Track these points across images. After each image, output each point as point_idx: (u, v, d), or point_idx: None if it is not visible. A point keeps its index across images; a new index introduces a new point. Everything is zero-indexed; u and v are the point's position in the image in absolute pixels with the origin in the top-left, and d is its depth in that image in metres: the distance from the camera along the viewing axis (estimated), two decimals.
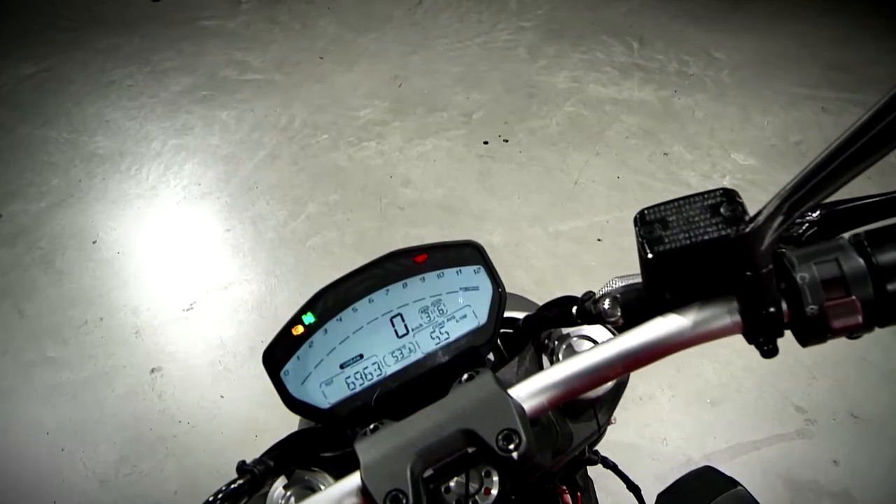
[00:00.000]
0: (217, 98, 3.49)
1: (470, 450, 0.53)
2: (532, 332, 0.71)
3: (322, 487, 0.65)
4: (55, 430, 2.12)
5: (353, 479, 0.53)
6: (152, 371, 2.25)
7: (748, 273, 0.46)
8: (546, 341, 0.71)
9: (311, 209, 2.82)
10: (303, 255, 2.62)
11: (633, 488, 0.99)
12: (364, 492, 0.51)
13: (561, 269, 2.52)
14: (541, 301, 0.83)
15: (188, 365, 2.27)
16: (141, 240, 2.76)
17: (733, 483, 0.90)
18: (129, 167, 3.11)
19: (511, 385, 0.54)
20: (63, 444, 2.08)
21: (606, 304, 0.56)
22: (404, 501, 0.49)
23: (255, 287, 2.51)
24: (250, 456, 0.64)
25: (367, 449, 0.53)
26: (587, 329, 0.70)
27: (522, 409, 0.53)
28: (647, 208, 0.51)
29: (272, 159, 3.09)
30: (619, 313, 0.56)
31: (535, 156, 3.06)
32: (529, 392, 0.53)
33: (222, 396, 2.17)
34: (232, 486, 0.60)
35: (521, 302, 0.94)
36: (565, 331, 0.70)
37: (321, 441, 0.68)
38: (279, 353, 0.65)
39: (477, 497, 0.65)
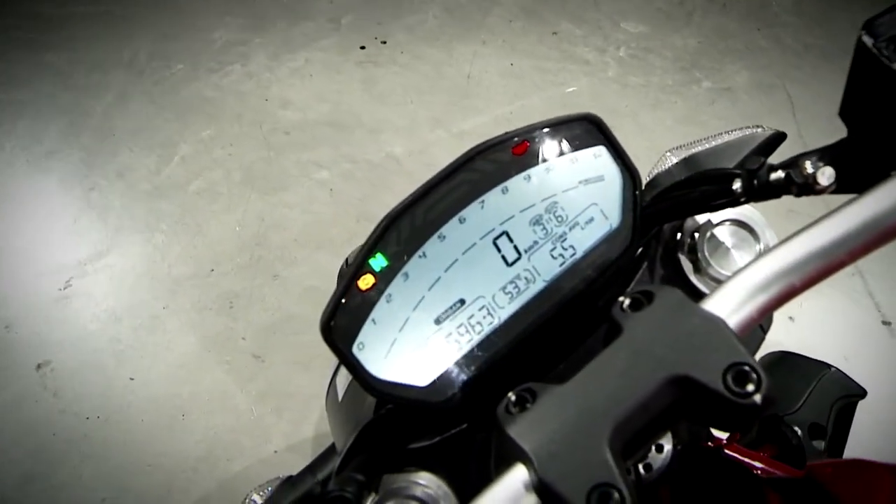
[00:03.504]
0: (39, 39, 2.95)
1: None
2: (654, 226, 0.53)
3: (436, 497, 0.44)
4: None
5: (514, 480, 0.33)
6: (39, 367, 1.92)
7: None
8: (678, 235, 0.53)
9: (185, 150, 2.47)
10: (187, 202, 2.30)
11: None
12: (544, 492, 0.32)
13: None
14: None
15: (82, 350, 1.95)
16: None
17: (823, 365, 0.81)
18: None
19: (701, 300, 0.36)
20: None
21: (809, 166, 0.38)
22: (617, 497, 0.30)
23: (140, 248, 2.19)
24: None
25: (531, 431, 0.34)
26: (732, 213, 0.52)
27: (734, 331, 0.35)
28: (876, 17, 0.34)
29: (124, 101, 2.67)
30: (832, 179, 0.38)
31: (418, 54, 2.82)
32: (736, 302, 0.35)
33: (132, 378, 1.89)
34: None
35: None
36: (700, 219, 0.53)
37: (408, 429, 0.48)
38: (345, 321, 0.44)
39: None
